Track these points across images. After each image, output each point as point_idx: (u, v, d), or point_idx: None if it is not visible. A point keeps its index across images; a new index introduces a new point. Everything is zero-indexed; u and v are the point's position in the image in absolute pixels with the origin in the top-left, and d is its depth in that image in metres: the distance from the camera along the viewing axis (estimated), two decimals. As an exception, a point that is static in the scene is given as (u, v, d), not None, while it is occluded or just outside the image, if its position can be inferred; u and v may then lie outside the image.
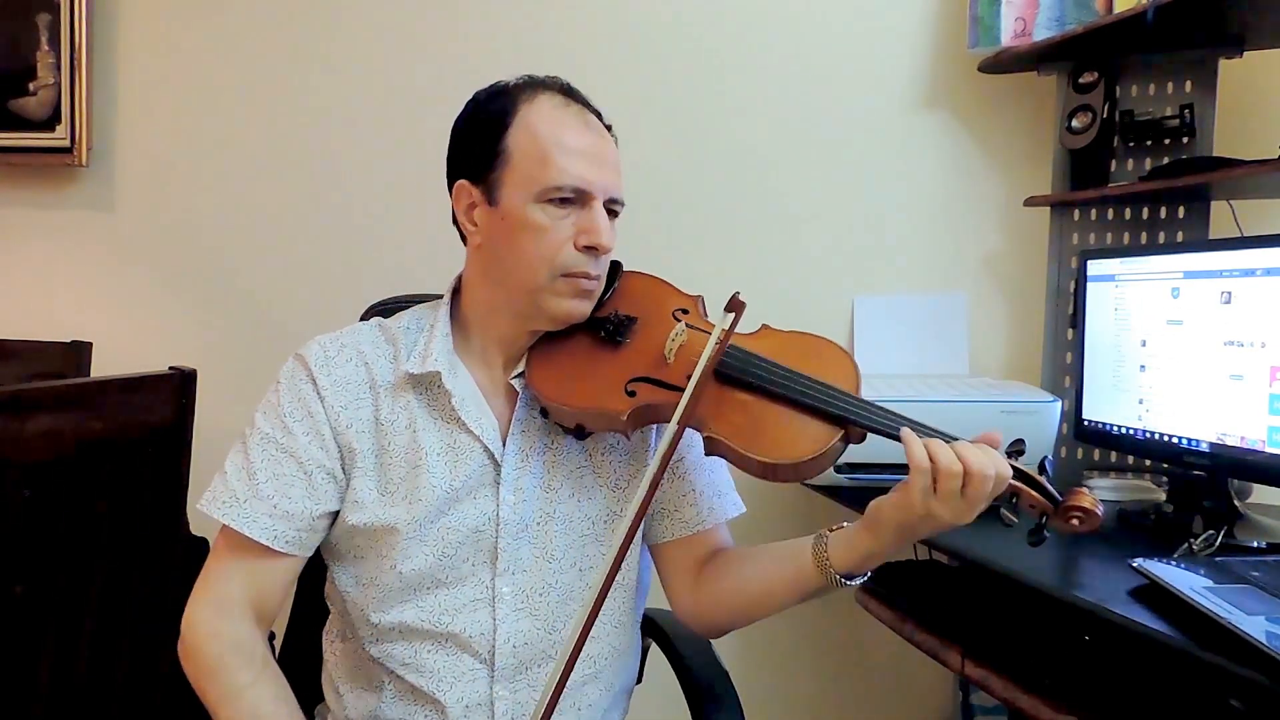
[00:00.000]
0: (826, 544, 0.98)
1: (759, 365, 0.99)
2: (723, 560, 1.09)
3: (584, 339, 1.06)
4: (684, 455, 1.10)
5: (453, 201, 1.06)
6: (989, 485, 0.87)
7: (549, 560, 1.04)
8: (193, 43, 2.08)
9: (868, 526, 0.95)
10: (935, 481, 0.87)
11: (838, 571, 0.96)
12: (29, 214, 2.15)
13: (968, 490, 0.87)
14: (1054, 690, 1.16)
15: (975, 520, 0.91)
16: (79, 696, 1.27)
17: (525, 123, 1.00)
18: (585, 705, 1.06)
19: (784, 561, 1.02)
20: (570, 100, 1.04)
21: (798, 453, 0.95)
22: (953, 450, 0.88)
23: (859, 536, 0.96)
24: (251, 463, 1.01)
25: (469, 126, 1.05)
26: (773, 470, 0.96)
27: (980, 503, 0.88)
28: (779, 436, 0.96)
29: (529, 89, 1.03)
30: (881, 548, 0.94)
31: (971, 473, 0.87)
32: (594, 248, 0.99)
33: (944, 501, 0.88)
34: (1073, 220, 1.76)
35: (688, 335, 1.04)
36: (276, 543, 0.99)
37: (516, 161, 1.00)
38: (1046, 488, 0.92)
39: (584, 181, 0.99)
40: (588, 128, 1.02)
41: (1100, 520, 0.90)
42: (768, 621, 1.08)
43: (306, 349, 1.06)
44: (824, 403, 0.96)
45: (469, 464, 1.03)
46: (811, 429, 0.96)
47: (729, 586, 1.07)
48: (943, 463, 0.87)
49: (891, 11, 1.88)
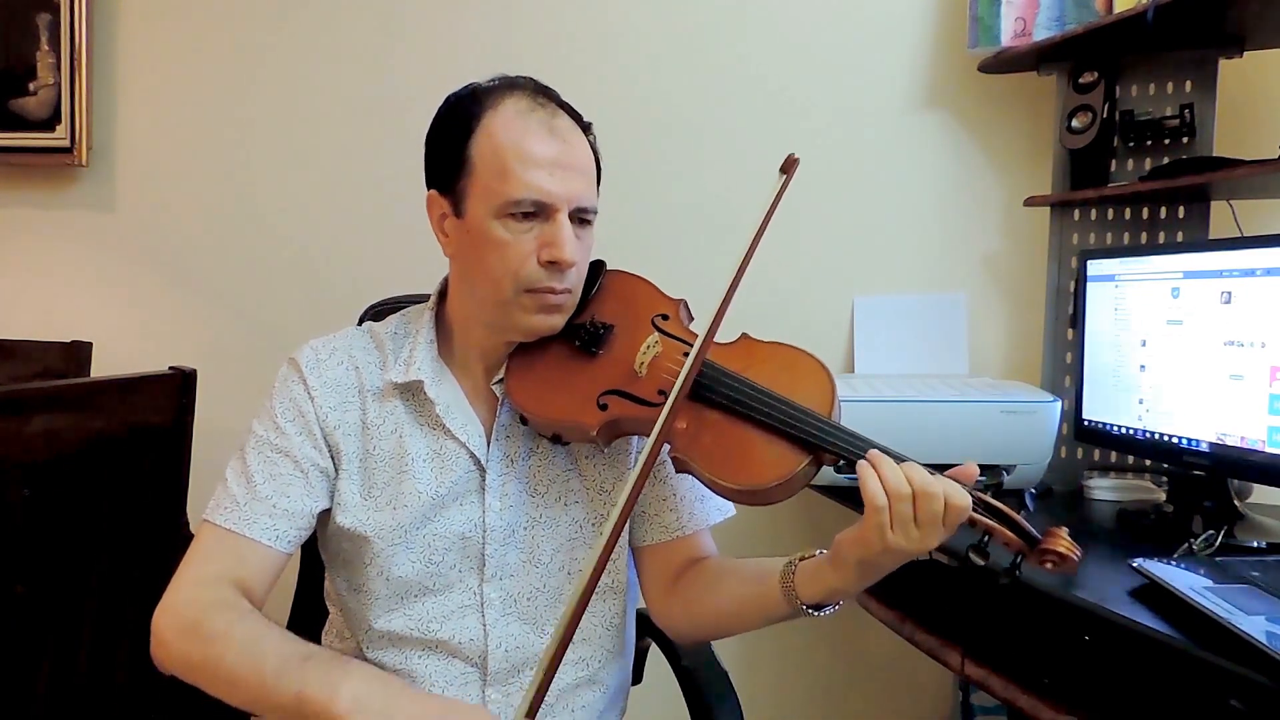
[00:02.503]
0: (794, 574, 0.95)
1: (729, 385, 0.97)
2: (698, 572, 1.07)
3: (561, 348, 1.04)
4: (665, 461, 1.06)
5: (427, 211, 1.04)
6: (939, 504, 0.84)
7: (536, 565, 1.04)
8: (193, 43, 2.08)
9: (832, 563, 0.91)
10: (889, 505, 0.84)
11: (805, 603, 0.93)
12: (29, 214, 2.15)
13: (920, 514, 0.84)
14: (1054, 690, 1.16)
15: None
16: (79, 696, 1.27)
17: (488, 131, 0.97)
18: (579, 707, 1.06)
19: (753, 584, 0.99)
20: (538, 104, 0.99)
21: (764, 478, 0.92)
22: (902, 471, 0.85)
23: (825, 571, 0.92)
24: (249, 467, 1.01)
25: (438, 133, 1.03)
26: (739, 495, 0.94)
27: (935, 527, 0.84)
28: (746, 461, 0.93)
29: (496, 93, 1.00)
30: (845, 584, 0.91)
31: (919, 493, 0.84)
32: (556, 263, 0.96)
33: (900, 529, 0.84)
34: (1073, 220, 1.76)
35: (661, 345, 1.03)
36: (279, 542, 0.99)
37: (479, 172, 0.97)
38: (1022, 525, 0.88)
39: (544, 194, 0.96)
40: (552, 134, 0.98)
41: (1076, 565, 0.86)
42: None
43: (299, 352, 1.06)
44: (793, 428, 0.93)
45: (454, 470, 1.02)
46: (780, 453, 0.93)
47: (700, 600, 1.05)
48: (891, 485, 0.84)
49: (891, 11, 1.88)
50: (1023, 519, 0.89)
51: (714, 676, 1.19)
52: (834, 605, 0.95)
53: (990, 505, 0.89)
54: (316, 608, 1.17)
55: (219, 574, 0.96)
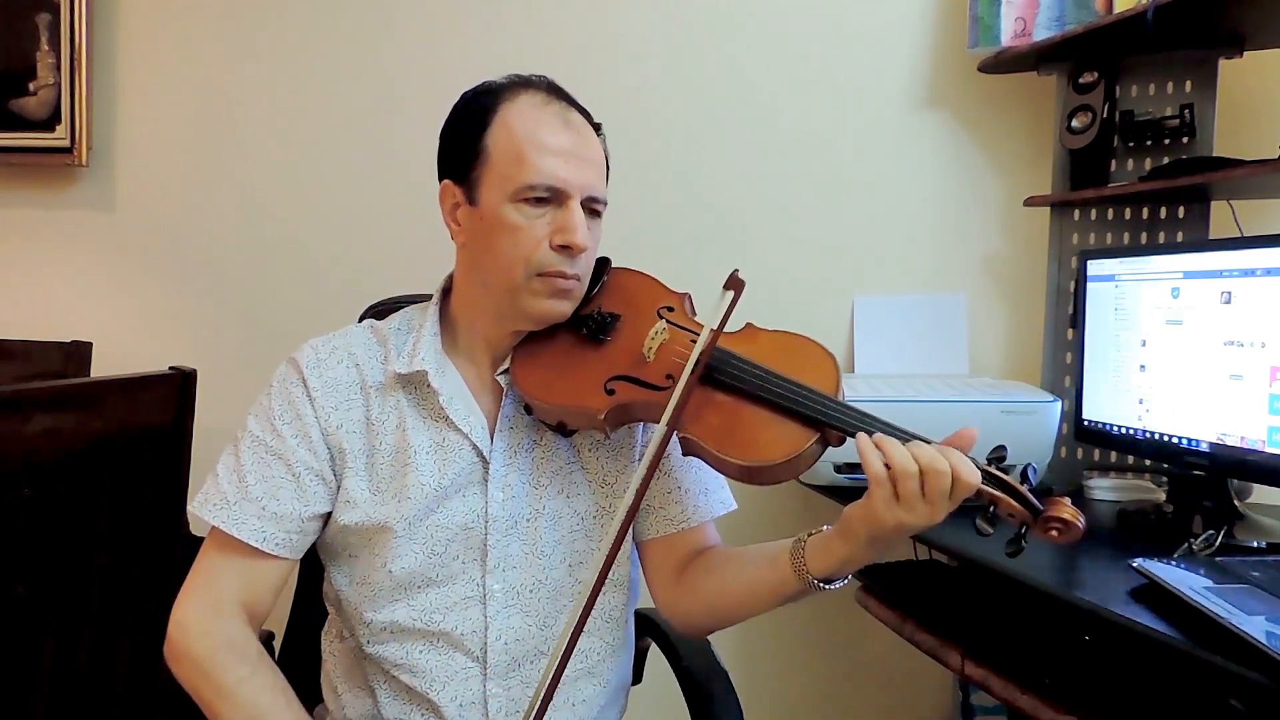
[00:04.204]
0: (804, 549, 0.96)
1: (737, 366, 0.98)
2: (706, 560, 1.08)
3: (567, 337, 1.06)
4: (671, 452, 1.08)
5: (439, 201, 1.06)
6: (946, 481, 0.85)
7: (539, 557, 1.04)
8: (192, 43, 2.08)
9: (841, 535, 0.93)
10: (894, 485, 0.86)
11: (815, 577, 0.95)
12: (29, 214, 2.15)
13: (927, 490, 0.85)
14: (1054, 690, 1.16)
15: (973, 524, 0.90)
16: (79, 696, 1.27)
17: (504, 121, 1.00)
18: (580, 701, 1.06)
19: (763, 565, 1.01)
20: (552, 99, 1.03)
21: (772, 455, 0.93)
22: (908, 450, 0.86)
23: (835, 543, 0.94)
24: (242, 465, 1.02)
25: (453, 126, 1.05)
26: (747, 473, 0.95)
27: (943, 501, 0.86)
28: (754, 439, 0.95)
29: (512, 88, 1.03)
30: (856, 554, 0.92)
31: (926, 470, 0.85)
32: (568, 246, 0.98)
33: (907, 505, 0.86)
34: (1073, 220, 1.77)
35: (669, 333, 1.04)
36: (266, 544, 1.00)
37: (495, 160, 1.00)
38: (1026, 496, 0.89)
39: (558, 180, 0.98)
40: (567, 126, 1.01)
41: (1081, 531, 0.87)
42: (768, 621, 1.08)
43: (299, 352, 1.07)
44: (800, 405, 0.94)
45: (458, 462, 1.03)
46: (787, 431, 0.94)
47: (712, 587, 1.06)
48: (898, 464, 0.85)
49: (891, 11, 1.88)
50: (1026, 490, 0.89)
51: (714, 676, 1.18)
52: (843, 579, 0.97)
53: (994, 476, 0.90)
54: (316, 608, 1.17)
55: (230, 598, 1.00)
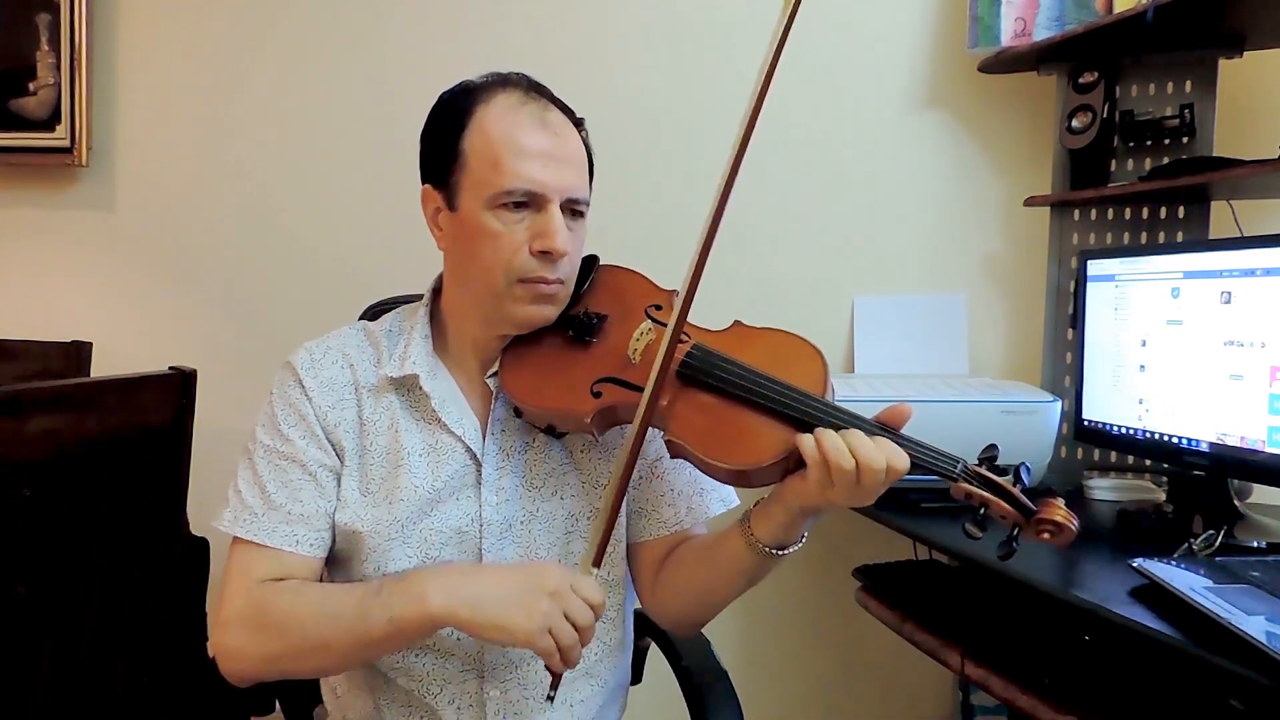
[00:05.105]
0: (750, 521, 0.98)
1: (721, 366, 0.97)
2: (677, 553, 1.08)
3: (555, 339, 1.05)
4: (663, 455, 1.06)
5: (421, 206, 1.05)
6: (881, 477, 0.87)
7: (533, 559, 1.04)
8: (192, 43, 2.08)
9: (777, 501, 0.95)
10: (829, 474, 0.88)
11: (764, 544, 0.96)
12: (29, 214, 2.15)
13: (862, 481, 0.88)
14: (1054, 690, 1.16)
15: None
16: (79, 696, 1.27)
17: (480, 124, 0.99)
18: (577, 701, 1.06)
19: (721, 546, 1.02)
20: (530, 98, 1.01)
21: (759, 458, 0.92)
22: (845, 445, 0.88)
23: (773, 508, 0.95)
24: (260, 476, 1.02)
25: (431, 129, 1.05)
26: (736, 476, 0.94)
27: (879, 489, 0.89)
28: (740, 440, 0.93)
29: (488, 88, 1.02)
30: (792, 520, 0.94)
31: (862, 467, 0.87)
32: (548, 252, 0.97)
33: (841, 490, 0.88)
34: (1073, 220, 1.76)
35: (654, 333, 1.03)
36: (300, 547, 1.00)
37: (472, 165, 0.99)
38: (1017, 498, 0.88)
39: (536, 184, 0.97)
40: (544, 126, 0.99)
41: (1074, 534, 0.86)
42: (768, 621, 1.08)
43: (294, 355, 1.07)
44: (786, 405, 0.93)
45: (451, 464, 1.03)
46: (773, 432, 0.93)
47: (682, 576, 1.06)
48: (832, 459, 0.87)
49: (891, 11, 1.88)
50: (1018, 491, 0.88)
51: (714, 676, 1.19)
52: (796, 544, 0.98)
53: (984, 478, 0.89)
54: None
55: (259, 579, 0.99)
